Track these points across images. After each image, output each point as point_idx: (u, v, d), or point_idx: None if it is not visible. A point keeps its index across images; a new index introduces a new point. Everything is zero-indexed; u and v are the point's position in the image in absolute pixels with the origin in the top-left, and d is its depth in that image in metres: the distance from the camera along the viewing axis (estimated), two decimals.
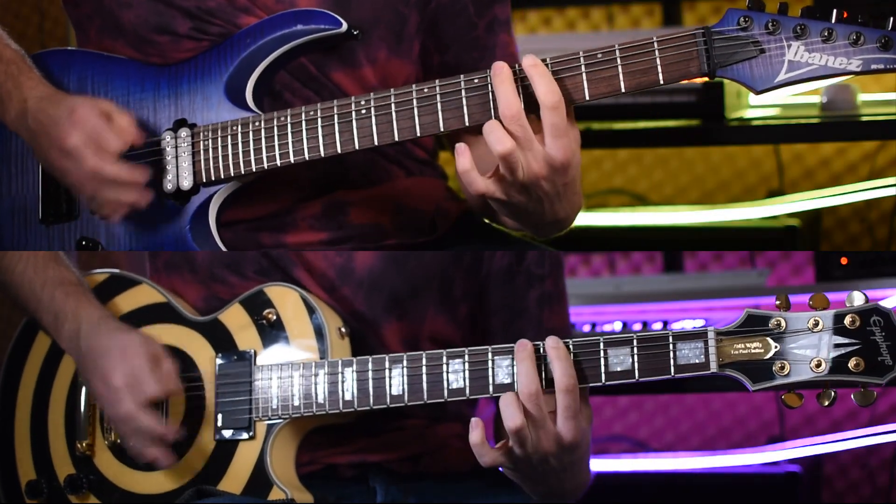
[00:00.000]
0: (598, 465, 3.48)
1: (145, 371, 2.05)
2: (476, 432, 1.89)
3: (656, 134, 3.20)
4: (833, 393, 1.81)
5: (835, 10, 1.87)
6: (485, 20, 2.30)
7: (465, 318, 2.25)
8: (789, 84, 1.91)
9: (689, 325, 3.13)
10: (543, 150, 1.91)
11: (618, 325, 3.21)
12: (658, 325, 3.15)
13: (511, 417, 1.87)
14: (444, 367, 1.98)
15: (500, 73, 1.93)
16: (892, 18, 1.86)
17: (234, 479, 2.09)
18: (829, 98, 3.20)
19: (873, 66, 1.87)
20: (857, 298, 1.82)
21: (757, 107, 3.29)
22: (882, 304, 1.81)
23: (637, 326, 3.17)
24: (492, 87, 1.95)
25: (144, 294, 2.24)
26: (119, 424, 2.08)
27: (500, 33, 2.31)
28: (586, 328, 3.22)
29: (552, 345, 1.90)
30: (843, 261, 3.28)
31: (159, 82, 2.17)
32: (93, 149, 2.04)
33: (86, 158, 2.04)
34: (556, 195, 1.97)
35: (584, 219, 3.53)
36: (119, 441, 2.16)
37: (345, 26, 2.09)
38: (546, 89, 1.91)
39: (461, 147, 1.92)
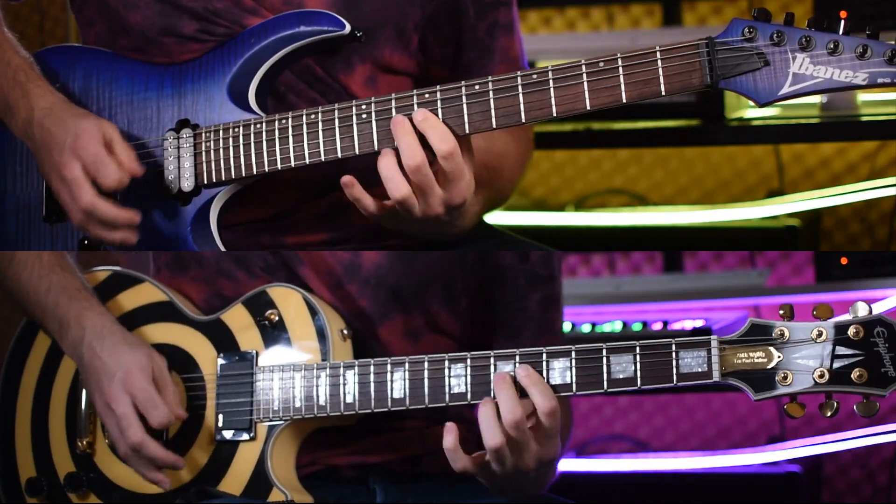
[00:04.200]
0: (598, 465, 3.49)
1: (150, 400, 2.05)
2: (450, 437, 1.91)
3: (656, 134, 3.20)
4: (836, 403, 1.80)
5: (842, 22, 1.84)
6: (486, 22, 2.29)
7: (464, 311, 2.25)
8: (793, 97, 1.89)
9: (689, 325, 3.13)
10: (443, 193, 1.99)
11: (618, 325, 3.21)
12: (658, 326, 3.15)
13: (492, 438, 1.90)
14: (447, 371, 1.98)
15: (402, 125, 2.00)
16: None
17: (235, 479, 2.09)
18: (829, 98, 3.20)
19: (879, 80, 1.84)
20: (861, 309, 1.81)
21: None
22: (885, 315, 1.80)
23: (637, 326, 3.17)
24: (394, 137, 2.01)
25: (146, 292, 2.23)
26: (122, 451, 2.08)
27: (501, 37, 2.30)
28: (586, 328, 3.22)
29: (524, 374, 1.92)
30: (843, 261, 3.28)
31: (163, 81, 2.17)
32: (90, 183, 2.06)
33: (82, 193, 2.05)
34: (451, 223, 2.07)
35: (584, 219, 3.55)
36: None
37: (348, 28, 2.08)
38: (439, 139, 1.97)
39: (347, 179, 2.02)
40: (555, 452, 1.94)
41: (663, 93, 1.92)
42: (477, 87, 1.98)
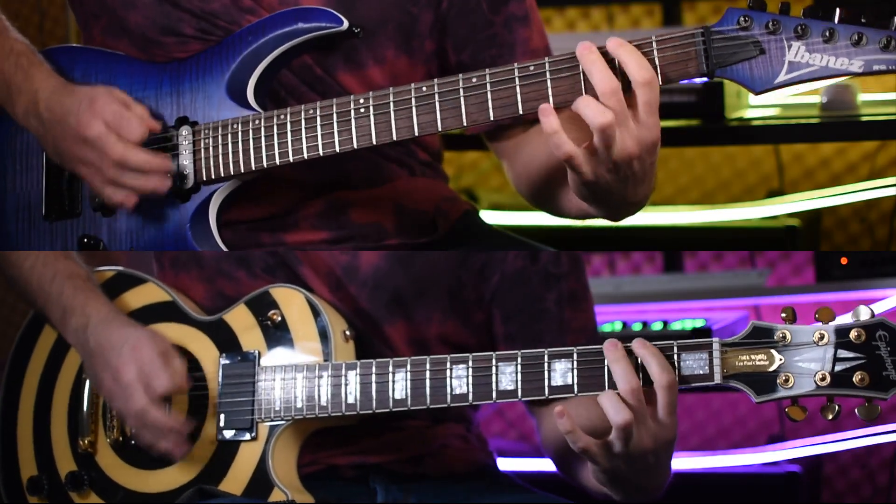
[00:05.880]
0: None
1: (156, 366, 2.05)
2: (564, 420, 1.84)
3: None
4: (837, 407, 1.80)
5: (837, 10, 1.85)
6: (501, 17, 2.27)
7: (480, 325, 2.23)
8: (789, 85, 1.89)
9: (688, 324, 3.13)
10: (637, 128, 1.89)
11: (618, 325, 3.21)
12: (658, 325, 3.15)
13: (618, 413, 1.83)
14: (448, 372, 1.98)
15: (590, 52, 1.90)
16: (895, 19, 1.84)
17: (235, 479, 2.10)
18: (829, 98, 3.20)
19: (875, 67, 1.84)
20: (864, 313, 1.81)
21: (757, 107, 3.29)
22: (887, 318, 1.80)
23: (637, 326, 3.17)
24: (581, 67, 1.91)
25: (150, 292, 2.24)
26: (130, 420, 2.08)
27: (519, 29, 2.28)
28: None
29: (640, 345, 1.87)
30: (843, 261, 3.28)
31: (161, 79, 2.17)
32: (116, 136, 2.05)
33: (110, 146, 2.05)
34: (642, 175, 1.96)
35: None
36: (121, 439, 2.17)
37: (346, 24, 2.09)
38: (638, 66, 1.88)
39: (546, 107, 1.89)
40: (673, 434, 1.88)
41: (660, 82, 1.90)
42: (474, 79, 1.98)
